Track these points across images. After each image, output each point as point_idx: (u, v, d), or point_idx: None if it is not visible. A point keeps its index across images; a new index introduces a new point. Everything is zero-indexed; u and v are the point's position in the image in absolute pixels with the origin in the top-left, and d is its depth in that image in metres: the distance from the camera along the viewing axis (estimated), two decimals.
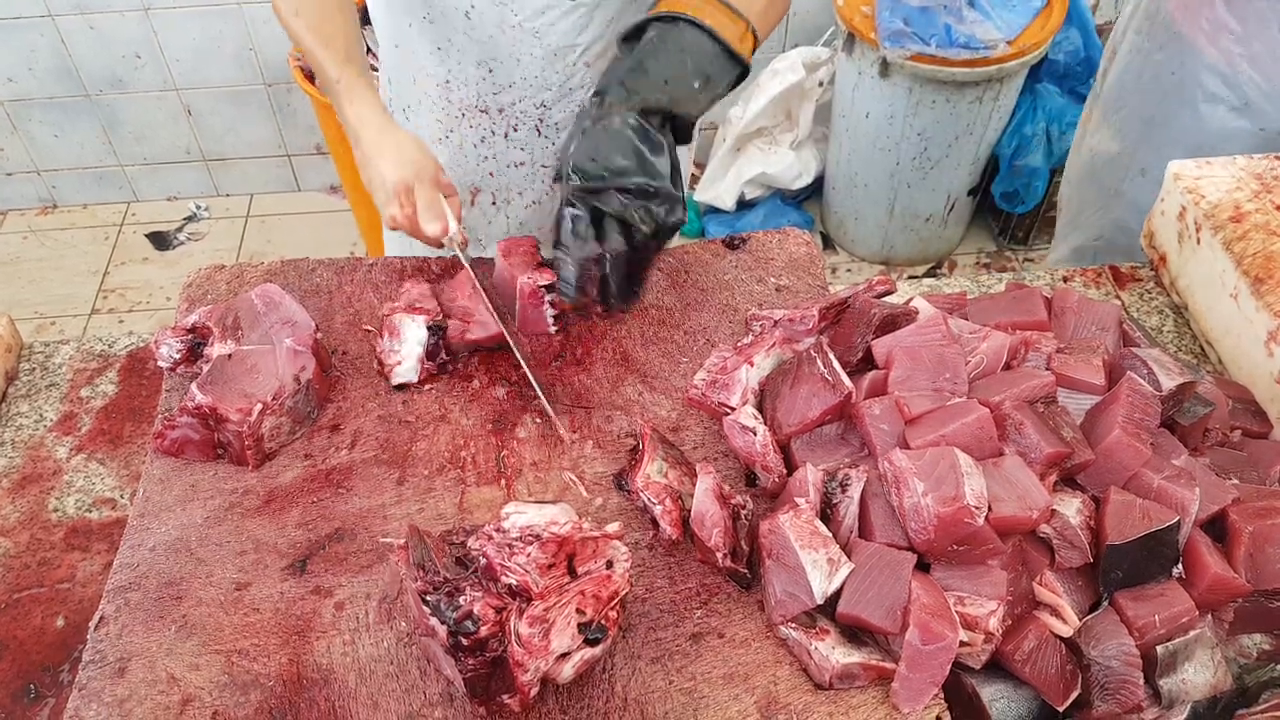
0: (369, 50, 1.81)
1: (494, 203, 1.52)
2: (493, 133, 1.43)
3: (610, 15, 1.34)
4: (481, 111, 1.41)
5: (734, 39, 1.16)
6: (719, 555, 0.98)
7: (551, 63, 1.35)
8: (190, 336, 1.17)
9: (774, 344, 1.14)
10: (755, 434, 1.03)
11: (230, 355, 1.13)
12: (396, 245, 1.68)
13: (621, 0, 1.33)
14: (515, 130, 1.43)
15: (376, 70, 1.53)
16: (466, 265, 1.22)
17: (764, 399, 1.11)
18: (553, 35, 1.32)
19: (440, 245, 1.19)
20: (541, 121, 1.42)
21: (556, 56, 1.34)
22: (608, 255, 1.10)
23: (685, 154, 1.48)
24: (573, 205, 1.09)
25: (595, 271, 1.12)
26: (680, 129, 1.15)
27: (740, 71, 1.18)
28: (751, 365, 1.11)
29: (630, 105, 1.10)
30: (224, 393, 1.09)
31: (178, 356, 1.17)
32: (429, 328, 1.17)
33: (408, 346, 1.17)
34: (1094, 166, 1.86)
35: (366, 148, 1.16)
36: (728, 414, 1.08)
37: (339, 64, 1.18)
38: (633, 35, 1.18)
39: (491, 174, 1.48)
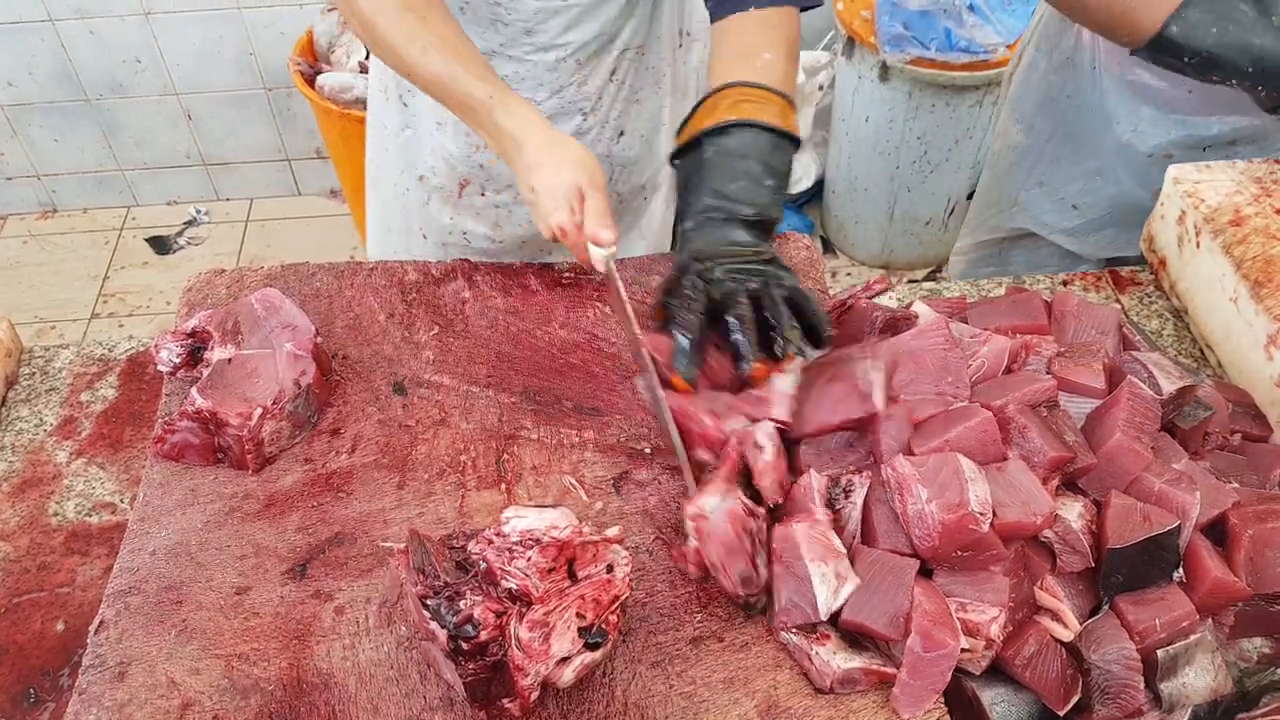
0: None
1: (482, 194, 1.52)
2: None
3: (604, 17, 1.34)
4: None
5: (781, 121, 1.17)
6: (722, 578, 0.97)
7: (542, 60, 1.35)
8: (190, 341, 1.17)
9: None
10: (763, 453, 1.02)
11: (230, 359, 1.14)
12: (378, 249, 1.67)
13: (617, 4, 1.34)
14: None
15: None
16: (618, 282, 1.15)
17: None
18: (543, 33, 1.33)
19: (592, 266, 1.13)
20: None
21: (547, 53, 1.35)
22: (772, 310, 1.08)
23: None
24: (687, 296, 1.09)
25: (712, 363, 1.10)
26: (766, 232, 1.16)
27: (795, 147, 1.19)
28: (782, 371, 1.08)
29: (726, 224, 1.12)
30: (224, 397, 1.09)
31: (177, 361, 1.17)
32: None
33: None
34: (1000, 165, 1.83)
35: (534, 155, 1.12)
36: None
37: (486, 81, 1.15)
38: (683, 151, 1.20)
39: (482, 165, 1.48)
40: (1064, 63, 1.60)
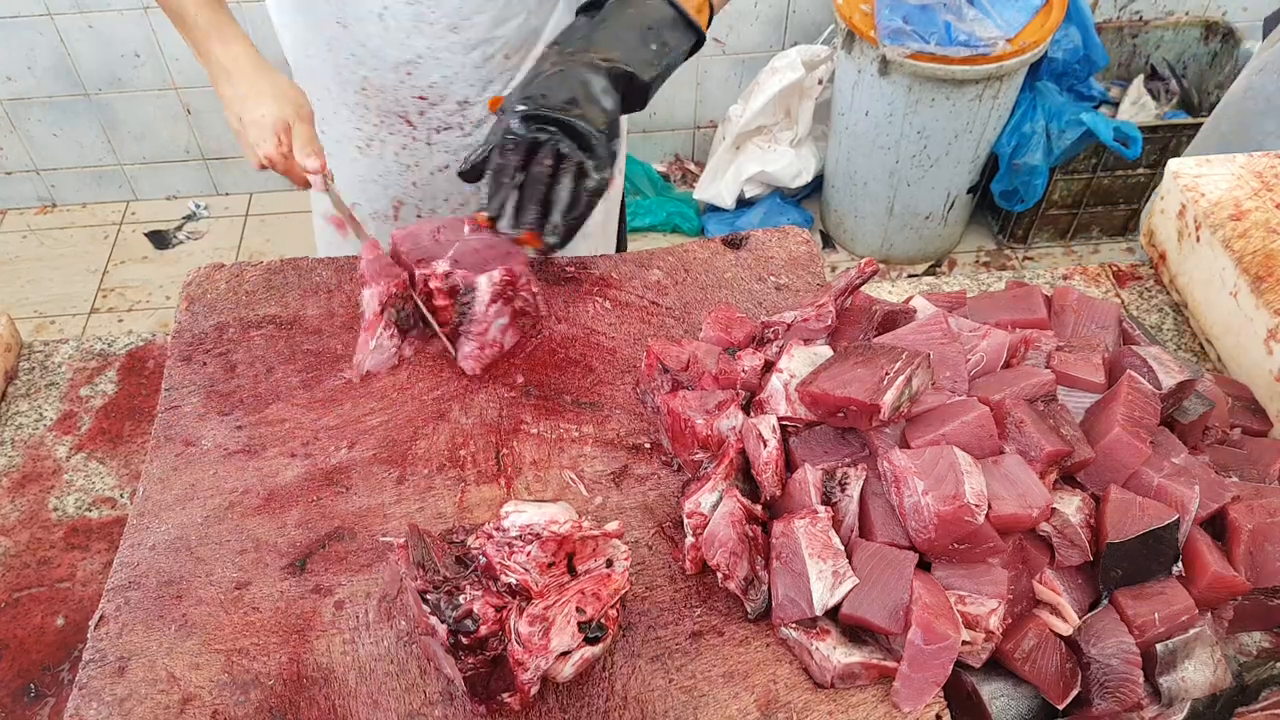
0: None
1: (419, 214, 1.50)
2: (414, 139, 1.41)
3: (529, 7, 1.33)
4: (400, 117, 1.39)
5: (691, 7, 1.17)
6: (720, 577, 0.97)
7: (470, 57, 1.33)
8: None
9: (789, 349, 1.11)
10: (765, 446, 1.02)
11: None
12: (326, 246, 1.63)
13: None
14: (438, 133, 1.42)
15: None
16: (338, 194, 1.22)
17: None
18: (471, 30, 1.31)
19: (308, 186, 1.19)
20: (464, 118, 1.40)
21: (475, 50, 1.33)
22: (540, 183, 1.09)
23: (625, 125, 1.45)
24: (510, 135, 1.09)
25: (531, 206, 1.10)
26: (633, 93, 1.14)
27: (696, 40, 1.19)
28: (780, 371, 1.07)
29: (587, 57, 1.11)
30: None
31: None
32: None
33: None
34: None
35: (242, 86, 1.16)
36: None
37: (207, 8, 1.17)
38: (591, 6, 1.18)
39: (414, 184, 1.46)
40: None
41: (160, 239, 3.40)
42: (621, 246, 1.77)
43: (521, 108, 1.08)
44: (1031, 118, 2.95)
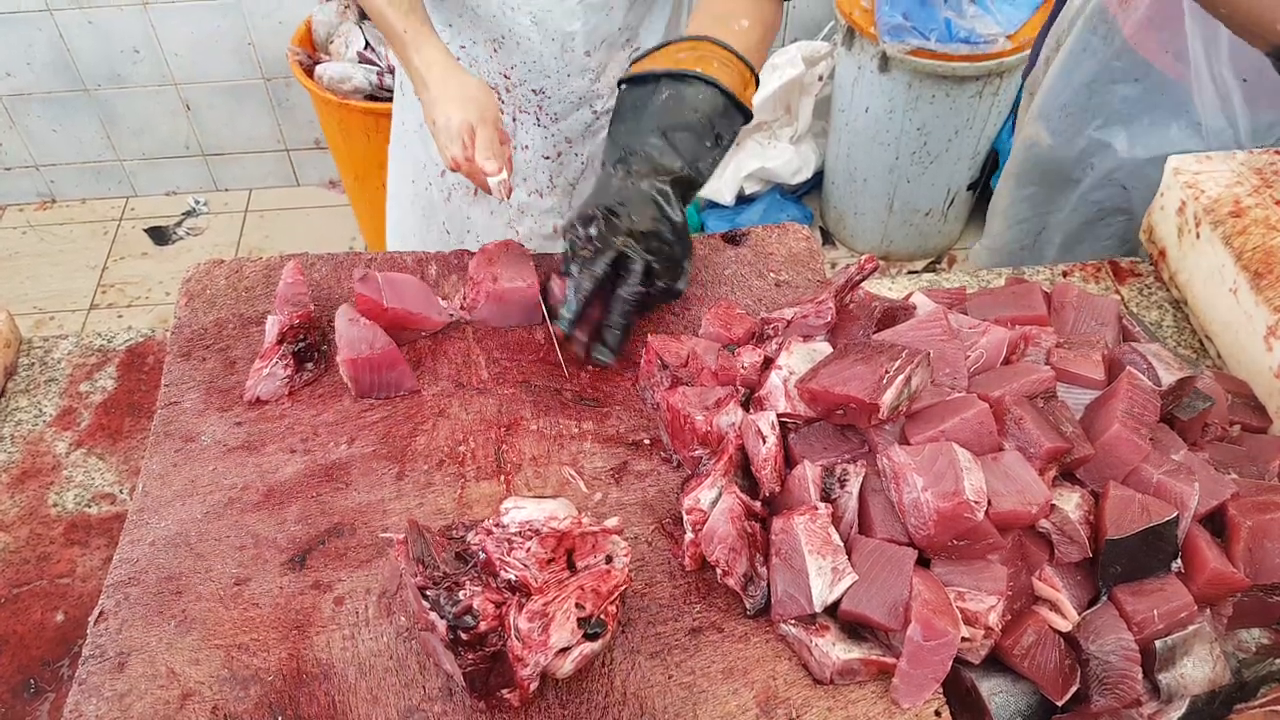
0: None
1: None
2: (502, 111, 1.43)
3: (607, 7, 1.34)
4: (492, 87, 1.42)
5: (739, 90, 1.21)
6: (720, 573, 0.97)
7: (549, 48, 1.35)
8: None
9: (789, 345, 1.11)
10: (765, 443, 1.02)
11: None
12: (398, 239, 1.68)
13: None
14: (521, 112, 1.45)
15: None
16: (509, 200, 1.23)
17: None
18: (549, 22, 1.34)
19: (489, 191, 1.20)
20: (540, 109, 1.42)
21: (554, 42, 1.35)
22: (617, 297, 1.14)
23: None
24: (590, 246, 1.14)
25: (595, 312, 1.16)
26: (690, 191, 1.19)
27: (745, 122, 1.22)
28: (779, 368, 1.07)
29: (655, 175, 1.15)
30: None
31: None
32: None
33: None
34: (1030, 160, 1.83)
35: (433, 90, 1.18)
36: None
37: (403, 15, 1.21)
38: (636, 81, 1.21)
39: None
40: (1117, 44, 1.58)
41: (160, 235, 3.40)
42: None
43: (602, 226, 1.13)
44: None
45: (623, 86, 1.25)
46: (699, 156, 1.18)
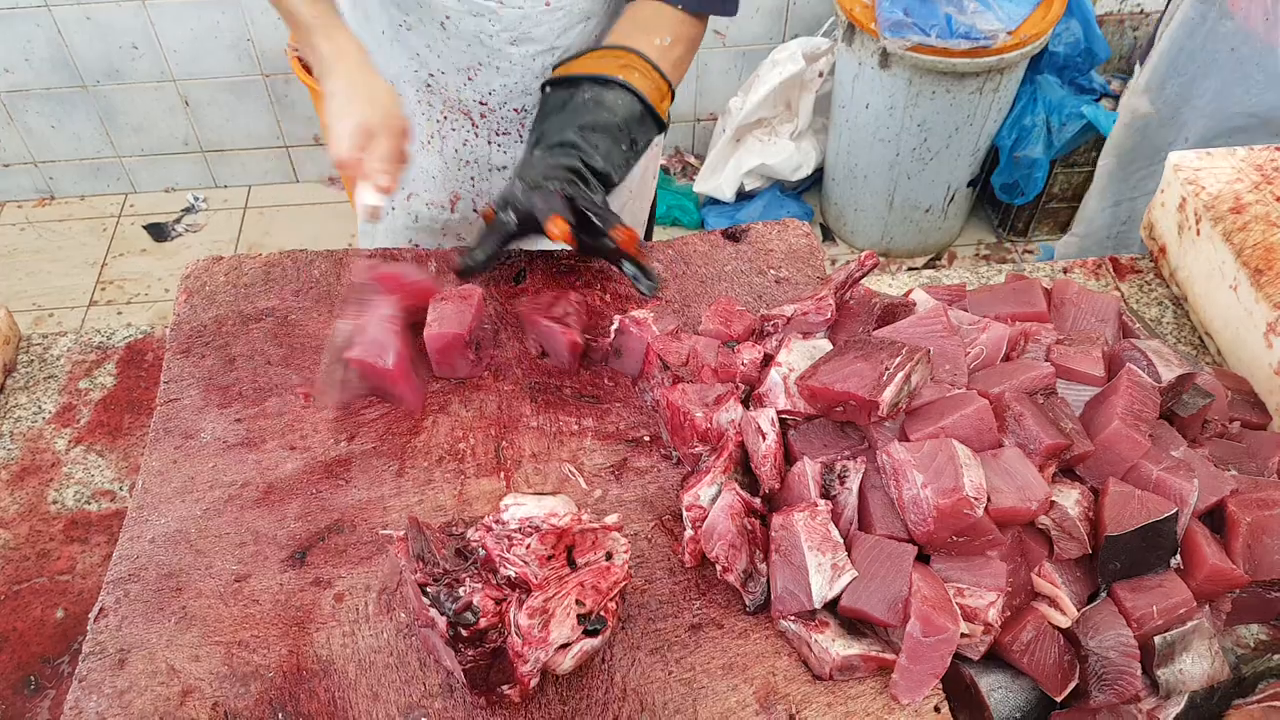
0: None
1: (475, 208, 1.51)
2: (476, 136, 1.42)
3: (587, 13, 1.33)
4: (464, 114, 1.40)
5: (657, 102, 1.25)
6: (719, 570, 0.97)
7: (530, 67, 1.34)
8: None
9: (789, 342, 1.11)
10: (764, 440, 1.02)
11: None
12: (368, 239, 1.65)
13: (601, 0, 1.33)
14: (498, 134, 1.43)
15: None
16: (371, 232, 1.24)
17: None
18: (532, 41, 1.32)
19: (367, 211, 1.14)
20: (523, 126, 1.41)
21: (535, 60, 1.34)
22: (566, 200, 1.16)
23: None
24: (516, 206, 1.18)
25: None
26: (606, 185, 1.23)
27: (659, 132, 1.27)
28: (780, 365, 1.07)
29: (573, 157, 1.19)
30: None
31: None
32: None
33: None
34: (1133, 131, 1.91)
35: (339, 82, 1.13)
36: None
37: (309, 2, 1.16)
38: (559, 83, 1.25)
39: (473, 179, 1.47)
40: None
41: (159, 231, 3.40)
42: (649, 235, 1.79)
43: (521, 184, 1.17)
44: (1032, 110, 2.95)
45: (547, 89, 1.27)
46: (614, 156, 1.22)
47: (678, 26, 1.29)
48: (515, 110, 1.39)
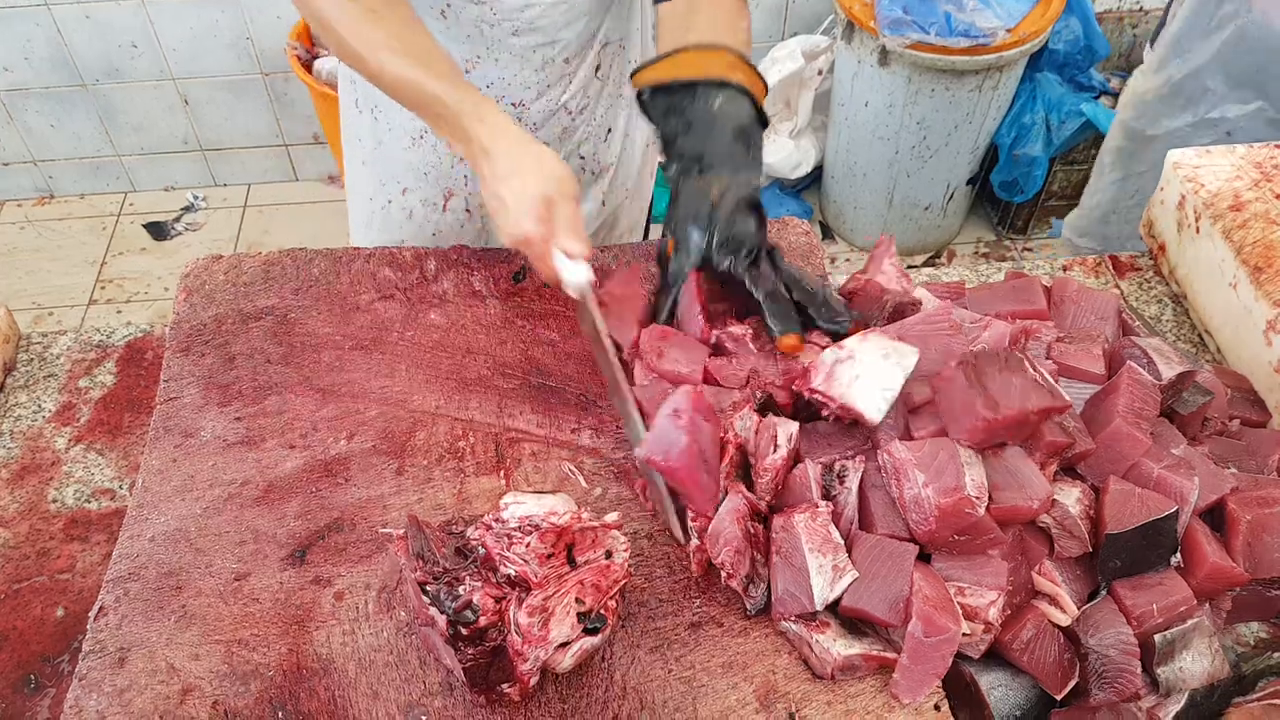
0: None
1: (467, 208, 1.49)
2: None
3: (590, 10, 1.32)
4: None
5: (761, 99, 1.19)
6: (724, 575, 0.97)
7: (530, 60, 1.33)
8: None
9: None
10: (776, 450, 1.00)
11: None
12: (364, 236, 1.63)
13: None
14: None
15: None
16: (592, 304, 1.09)
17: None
18: (533, 33, 1.30)
19: (557, 284, 1.08)
20: (520, 121, 1.39)
21: (535, 54, 1.32)
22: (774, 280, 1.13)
23: None
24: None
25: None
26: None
27: (764, 128, 1.21)
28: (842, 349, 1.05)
29: (745, 189, 1.14)
30: None
31: None
32: None
33: None
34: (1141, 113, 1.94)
35: (503, 162, 1.08)
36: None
37: (455, 86, 1.11)
38: (666, 89, 1.18)
39: (466, 177, 1.45)
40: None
41: (158, 230, 3.40)
42: (646, 234, 1.78)
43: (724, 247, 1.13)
44: (1031, 108, 2.94)
45: (644, 94, 1.20)
46: (757, 175, 1.17)
47: (742, 9, 1.25)
48: (513, 105, 1.37)
